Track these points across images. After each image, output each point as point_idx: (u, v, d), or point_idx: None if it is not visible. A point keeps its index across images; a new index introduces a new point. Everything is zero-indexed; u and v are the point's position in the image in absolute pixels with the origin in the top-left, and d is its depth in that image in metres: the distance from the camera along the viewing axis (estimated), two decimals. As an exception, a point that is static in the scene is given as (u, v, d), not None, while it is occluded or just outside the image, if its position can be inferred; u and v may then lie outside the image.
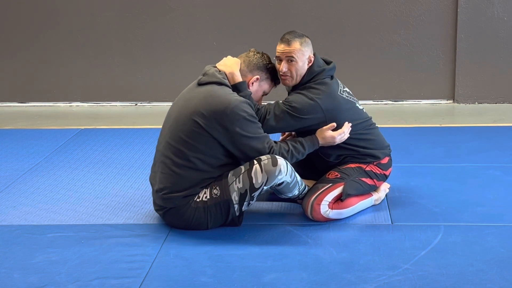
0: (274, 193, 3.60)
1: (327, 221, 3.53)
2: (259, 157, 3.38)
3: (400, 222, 3.53)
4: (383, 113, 5.92)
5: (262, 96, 3.60)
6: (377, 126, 3.76)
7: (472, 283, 2.89)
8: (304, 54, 3.53)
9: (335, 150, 3.61)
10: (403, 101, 6.29)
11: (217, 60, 3.59)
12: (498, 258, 3.10)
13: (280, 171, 3.35)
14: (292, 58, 3.51)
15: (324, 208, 3.51)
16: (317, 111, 3.50)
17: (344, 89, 3.64)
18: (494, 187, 4.00)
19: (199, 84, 3.47)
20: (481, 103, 6.22)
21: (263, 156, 3.38)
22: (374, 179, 3.66)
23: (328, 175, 3.62)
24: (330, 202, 3.52)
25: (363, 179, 3.62)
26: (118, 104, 6.49)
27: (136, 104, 6.48)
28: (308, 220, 3.56)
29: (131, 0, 6.29)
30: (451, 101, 6.27)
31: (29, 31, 6.41)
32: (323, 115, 3.51)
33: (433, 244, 3.26)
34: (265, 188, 3.38)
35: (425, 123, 5.60)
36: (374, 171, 3.65)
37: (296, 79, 3.56)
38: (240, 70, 3.51)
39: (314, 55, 3.59)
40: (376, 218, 3.59)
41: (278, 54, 3.55)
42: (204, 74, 3.49)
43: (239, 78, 3.47)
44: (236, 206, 3.39)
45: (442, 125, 5.52)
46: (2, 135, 5.42)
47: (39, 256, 3.22)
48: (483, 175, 4.20)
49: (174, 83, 6.22)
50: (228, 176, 3.39)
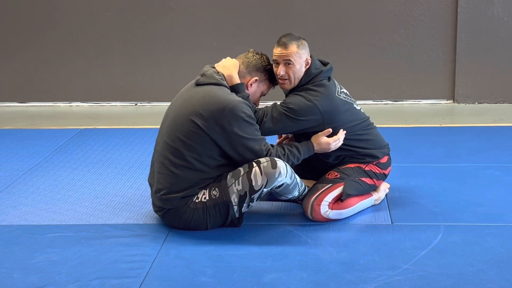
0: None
1: (327, 221, 3.53)
2: (258, 159, 3.37)
3: (400, 222, 3.53)
4: (383, 113, 5.92)
5: (261, 96, 3.60)
6: (375, 126, 3.76)
7: (472, 283, 2.89)
8: (301, 56, 3.52)
9: (334, 151, 3.61)
10: (403, 101, 6.29)
11: (217, 60, 3.59)
12: (498, 258, 3.10)
13: (279, 173, 3.34)
14: (289, 61, 3.49)
15: (324, 209, 3.51)
16: (315, 113, 3.49)
17: (341, 90, 3.63)
18: (494, 187, 4.00)
19: (197, 84, 3.46)
20: (481, 103, 6.22)
21: (262, 159, 3.37)
22: (374, 179, 3.66)
23: (327, 175, 3.62)
24: (330, 203, 3.52)
25: (363, 178, 3.62)
26: (118, 104, 6.49)
27: (136, 104, 6.48)
28: (308, 220, 3.56)
29: (131, 0, 6.29)
30: (451, 101, 6.27)
31: (29, 31, 6.41)
32: (321, 117, 3.50)
33: (433, 244, 3.26)
34: (265, 190, 3.37)
35: (425, 123, 5.60)
36: (373, 170, 3.65)
37: (294, 82, 3.55)
38: (238, 71, 3.50)
39: (311, 57, 3.58)
40: (376, 218, 3.59)
41: (275, 58, 3.53)
42: (203, 75, 3.48)
43: (237, 80, 3.47)
44: (235, 208, 3.39)
45: (442, 125, 5.52)
46: (2, 135, 5.42)
47: (39, 256, 3.22)
48: (483, 175, 4.20)
49: (174, 83, 6.22)
50: (227, 178, 3.38)
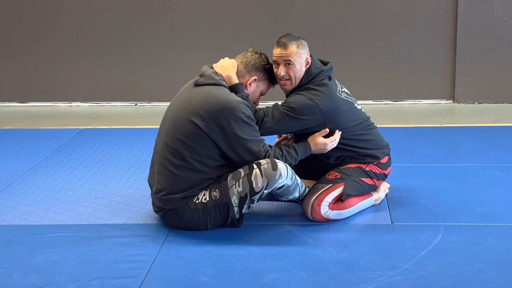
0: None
1: (327, 221, 3.53)
2: (258, 161, 3.37)
3: (400, 222, 3.53)
4: (383, 113, 5.92)
5: (260, 96, 3.59)
6: (375, 126, 3.75)
7: (472, 283, 2.89)
8: (301, 56, 3.52)
9: (335, 151, 3.60)
10: (403, 101, 6.29)
11: (216, 60, 3.59)
12: (498, 258, 3.10)
13: (280, 175, 3.34)
14: (289, 61, 3.49)
15: (325, 209, 3.51)
16: (316, 112, 3.49)
17: (342, 89, 3.63)
18: (494, 187, 4.00)
19: (196, 85, 3.45)
20: (481, 103, 6.22)
21: (262, 160, 3.37)
22: (374, 179, 3.66)
23: (328, 176, 3.61)
24: (330, 203, 3.51)
25: (363, 179, 3.62)
26: (118, 104, 6.49)
27: (136, 104, 6.48)
28: (308, 220, 3.55)
29: (131, 0, 6.29)
30: (451, 101, 6.27)
31: (29, 31, 6.41)
32: (322, 117, 3.50)
33: (433, 244, 3.26)
34: (265, 192, 3.37)
35: (425, 123, 5.60)
36: (374, 170, 3.65)
37: (295, 82, 3.54)
38: (237, 71, 3.50)
39: (311, 56, 3.57)
40: (376, 218, 3.59)
41: (275, 58, 3.53)
42: (201, 75, 3.47)
43: (235, 80, 3.46)
44: (236, 209, 3.38)
45: (442, 125, 5.52)
46: (2, 135, 5.42)
47: (39, 256, 3.22)
48: (483, 175, 4.20)
49: (174, 83, 6.22)
50: (227, 179, 3.38)
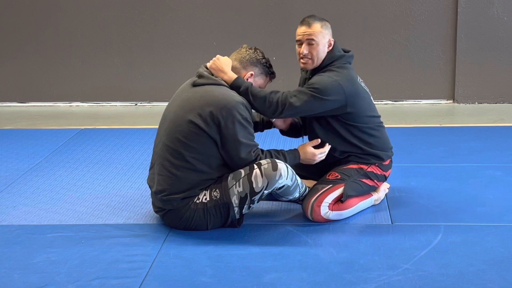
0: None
1: (327, 222, 3.53)
2: (259, 161, 3.37)
3: (400, 222, 3.53)
4: (383, 113, 5.85)
5: None
6: (384, 126, 3.75)
7: (472, 283, 2.89)
8: (324, 37, 3.52)
9: (342, 144, 3.59)
10: (403, 101, 6.29)
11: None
12: (498, 258, 3.10)
13: (280, 175, 3.34)
14: (312, 40, 3.49)
15: (324, 210, 3.50)
16: (339, 92, 3.46)
17: (360, 80, 3.64)
18: (494, 187, 4.00)
19: (194, 85, 3.44)
20: (481, 103, 6.23)
21: (263, 161, 3.37)
22: (375, 180, 3.66)
23: (328, 176, 3.61)
24: (330, 204, 3.51)
25: (364, 180, 3.61)
26: (118, 104, 6.49)
27: (136, 104, 6.48)
28: (308, 220, 3.55)
29: (131, 0, 6.30)
30: (451, 101, 6.27)
31: (29, 31, 6.41)
32: (344, 98, 3.47)
33: (433, 244, 3.26)
34: (265, 192, 3.37)
35: (425, 123, 5.60)
36: (375, 171, 3.65)
37: (316, 62, 3.54)
38: (233, 67, 3.48)
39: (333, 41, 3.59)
40: (376, 218, 3.59)
41: (298, 38, 3.53)
42: (199, 76, 3.45)
43: (231, 76, 3.44)
44: (236, 209, 3.38)
45: (442, 125, 5.52)
46: (2, 135, 5.42)
47: (39, 256, 3.22)
48: (483, 175, 4.20)
49: (174, 83, 6.21)
50: (227, 179, 3.38)
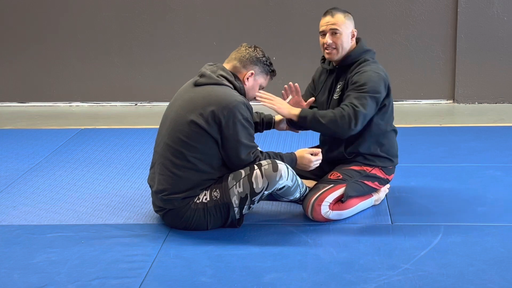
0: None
1: (327, 221, 3.53)
2: (260, 162, 3.37)
3: (400, 222, 3.53)
4: (383, 113, 5.91)
5: (259, 89, 3.54)
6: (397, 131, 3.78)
7: (472, 283, 2.89)
8: (347, 27, 3.55)
9: (357, 142, 3.59)
10: (403, 101, 6.29)
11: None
12: (498, 258, 3.10)
13: (281, 176, 3.34)
14: (336, 30, 3.53)
15: (325, 209, 3.50)
16: (385, 84, 3.52)
17: None
18: (494, 187, 4.00)
19: (196, 85, 3.44)
20: (481, 103, 6.23)
21: (263, 161, 3.37)
22: (376, 182, 3.65)
23: (330, 176, 3.61)
24: (330, 203, 3.51)
25: (365, 181, 3.61)
26: (118, 104, 6.49)
27: (136, 104, 6.48)
28: (308, 220, 3.55)
29: (131, 0, 6.30)
30: (451, 101, 6.27)
31: (29, 31, 6.41)
32: (386, 90, 3.54)
33: (433, 244, 3.26)
34: (266, 193, 3.37)
35: (425, 123, 5.60)
36: (378, 174, 3.64)
37: (340, 52, 3.56)
38: (233, 67, 3.46)
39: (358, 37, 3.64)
40: (376, 218, 3.59)
41: (322, 28, 3.57)
42: (202, 76, 3.45)
43: (296, 111, 3.47)
44: (236, 209, 3.38)
45: (442, 125, 5.52)
46: (2, 135, 5.42)
47: (39, 256, 3.22)
48: (483, 175, 4.20)
49: (174, 83, 6.22)
50: (228, 179, 3.37)
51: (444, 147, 4.82)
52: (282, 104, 3.50)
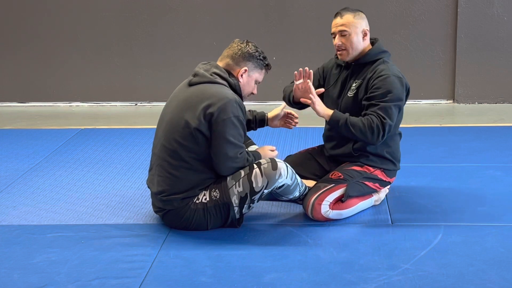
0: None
1: (327, 221, 3.53)
2: (259, 161, 3.37)
3: (400, 222, 3.53)
4: (383, 113, 5.91)
5: (256, 85, 3.53)
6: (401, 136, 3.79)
7: (472, 283, 2.89)
8: (357, 26, 3.54)
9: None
10: (403, 101, 6.29)
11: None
12: (498, 258, 3.10)
13: (280, 174, 3.34)
14: (344, 31, 3.53)
15: (325, 208, 3.50)
16: (404, 86, 3.53)
17: None
18: (494, 187, 3.99)
19: (190, 85, 3.43)
20: (481, 103, 6.23)
21: (262, 160, 3.37)
22: (377, 184, 3.65)
23: (331, 175, 3.61)
24: (331, 203, 3.51)
25: (366, 182, 3.61)
26: (118, 104, 6.49)
27: (136, 104, 6.48)
28: (308, 220, 3.55)
29: (131, 0, 6.29)
30: (451, 101, 6.27)
31: (29, 31, 6.41)
32: (405, 91, 3.55)
33: (433, 244, 3.26)
34: (265, 191, 3.37)
35: (425, 123, 5.60)
36: (379, 176, 3.64)
37: (351, 52, 3.56)
38: (226, 64, 3.44)
39: (375, 38, 3.63)
40: (376, 218, 3.59)
41: (332, 30, 3.58)
42: (195, 75, 3.43)
43: (329, 111, 3.48)
44: (236, 209, 3.38)
45: (442, 125, 5.52)
46: (2, 135, 5.42)
47: (39, 256, 3.22)
48: (483, 175, 4.20)
49: (174, 83, 6.20)
50: (227, 179, 3.37)
51: (444, 147, 4.82)
52: (319, 103, 3.52)
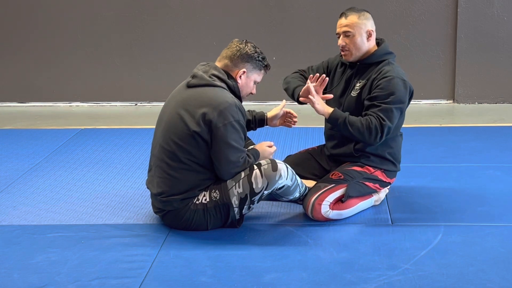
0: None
1: (327, 221, 3.53)
2: (259, 162, 3.37)
3: (400, 222, 3.53)
4: (383, 113, 5.91)
5: (255, 85, 3.52)
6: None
7: (472, 283, 2.89)
8: (361, 27, 3.54)
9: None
10: (403, 101, 6.29)
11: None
12: (498, 258, 3.10)
13: (280, 175, 3.33)
14: (348, 32, 3.54)
15: (325, 208, 3.50)
16: (408, 89, 3.53)
17: None
18: (494, 187, 3.99)
19: (188, 86, 3.41)
20: (481, 103, 6.23)
21: (263, 161, 3.37)
22: (377, 184, 3.65)
23: (331, 175, 3.61)
24: (331, 203, 3.51)
25: (367, 183, 3.61)
26: (118, 104, 6.49)
27: (136, 104, 6.48)
28: (308, 220, 3.55)
29: (131, 0, 6.30)
30: (451, 101, 6.27)
31: (29, 31, 6.41)
32: (408, 98, 3.55)
33: (433, 244, 3.26)
34: (265, 192, 3.37)
35: (425, 123, 5.60)
36: (379, 177, 3.64)
37: (355, 53, 3.57)
38: (225, 66, 3.43)
39: (381, 39, 3.63)
40: (376, 218, 3.59)
41: (337, 31, 3.60)
42: (194, 77, 3.42)
43: (328, 109, 3.48)
44: (236, 210, 3.38)
45: (442, 125, 5.52)
46: (2, 135, 5.42)
47: (39, 256, 3.22)
48: (483, 175, 4.20)
49: (174, 83, 6.19)
50: (227, 180, 3.38)
51: (444, 147, 4.82)
52: (319, 102, 3.52)
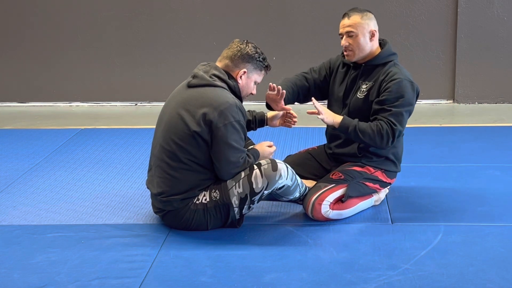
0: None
1: (327, 220, 3.53)
2: (259, 161, 3.37)
3: (400, 222, 3.53)
4: (383, 113, 5.91)
5: (255, 85, 3.52)
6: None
7: (472, 283, 2.89)
8: (364, 27, 3.53)
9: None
10: (403, 101, 6.29)
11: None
12: (498, 258, 3.10)
13: (280, 175, 3.34)
14: (351, 32, 3.53)
15: (325, 208, 3.50)
16: (416, 93, 3.54)
17: None
18: (494, 187, 4.00)
19: (189, 86, 3.41)
20: (481, 103, 6.23)
21: (263, 161, 3.37)
22: (377, 185, 3.65)
23: (332, 175, 3.61)
24: (331, 203, 3.51)
25: (367, 183, 3.61)
26: (118, 104, 6.49)
27: (136, 104, 6.48)
28: (308, 220, 3.55)
29: (131, 0, 6.30)
30: (451, 101, 6.27)
31: (29, 31, 6.41)
32: (416, 95, 3.56)
33: (433, 244, 3.26)
34: (265, 192, 3.37)
35: (425, 123, 5.60)
36: (380, 177, 3.64)
37: (357, 53, 3.57)
38: (226, 66, 3.43)
39: (383, 40, 3.63)
40: (376, 218, 3.59)
41: (340, 31, 3.59)
42: (194, 77, 3.42)
43: (338, 118, 3.48)
44: (236, 210, 3.38)
45: (442, 125, 5.52)
46: (2, 135, 5.42)
47: (39, 256, 3.22)
48: (483, 175, 4.20)
49: (174, 83, 6.20)
50: (227, 180, 3.38)
51: (444, 147, 4.82)
52: (327, 114, 3.52)
